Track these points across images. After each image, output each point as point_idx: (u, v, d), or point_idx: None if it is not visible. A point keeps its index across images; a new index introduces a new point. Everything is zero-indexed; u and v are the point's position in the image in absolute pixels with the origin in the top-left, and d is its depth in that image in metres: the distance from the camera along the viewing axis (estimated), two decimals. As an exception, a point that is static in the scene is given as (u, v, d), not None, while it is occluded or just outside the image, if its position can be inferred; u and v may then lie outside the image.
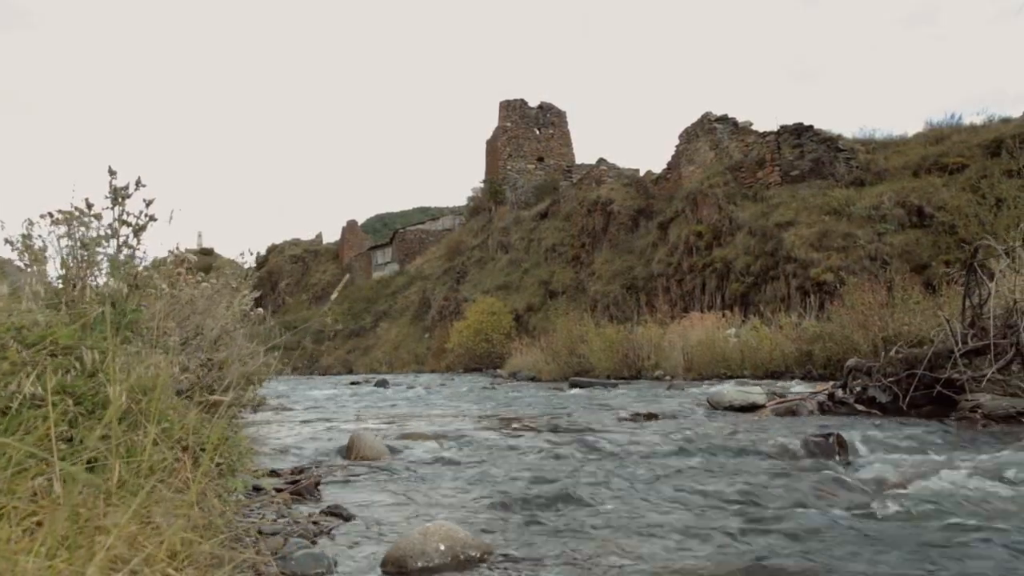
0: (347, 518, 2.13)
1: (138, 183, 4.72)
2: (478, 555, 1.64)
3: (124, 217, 4.65)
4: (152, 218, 4.81)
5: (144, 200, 4.72)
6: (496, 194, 32.72)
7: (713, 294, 17.92)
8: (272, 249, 49.44)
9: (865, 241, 14.80)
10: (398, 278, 37.35)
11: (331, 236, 51.31)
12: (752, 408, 5.05)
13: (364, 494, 2.58)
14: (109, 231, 4.60)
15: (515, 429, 4.59)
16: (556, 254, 25.37)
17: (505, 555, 1.68)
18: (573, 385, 11.72)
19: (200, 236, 48.82)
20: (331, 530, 1.98)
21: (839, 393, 4.90)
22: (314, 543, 1.81)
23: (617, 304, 20.59)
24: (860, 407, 4.64)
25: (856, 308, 10.33)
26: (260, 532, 1.85)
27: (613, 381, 12.06)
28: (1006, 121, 15.08)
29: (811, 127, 17.20)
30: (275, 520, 2.01)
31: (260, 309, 9.15)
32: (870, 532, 1.87)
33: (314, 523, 2.02)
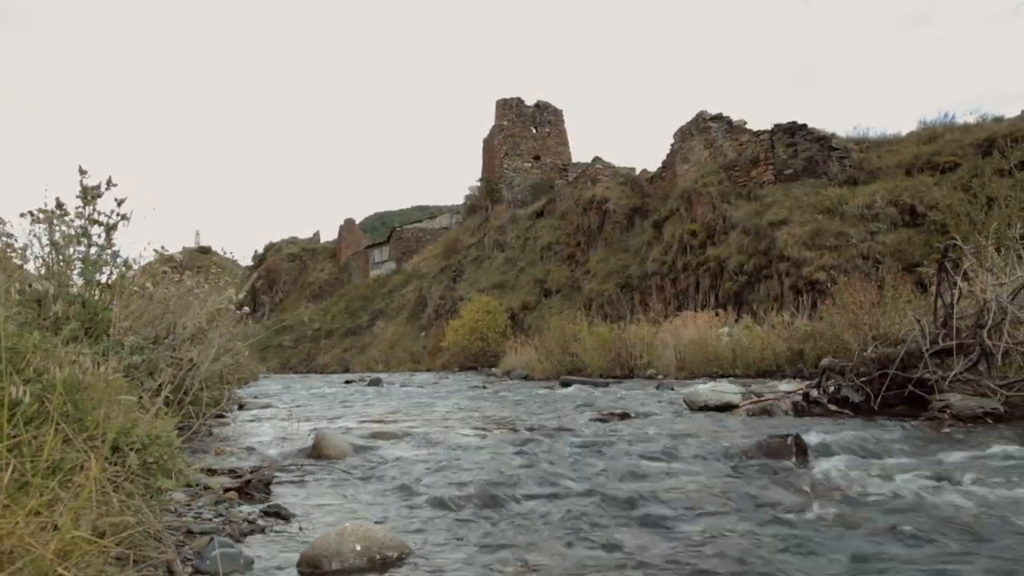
0: (285, 518, 2.13)
1: (109, 182, 4.71)
2: (395, 555, 1.64)
3: (95, 216, 4.64)
4: (124, 217, 4.80)
5: (116, 199, 4.70)
6: (493, 193, 32.71)
7: (707, 293, 17.92)
8: (270, 248, 49.49)
9: (858, 240, 14.80)
10: (395, 277, 37.35)
11: (329, 235, 51.34)
12: (727, 408, 5.05)
13: (314, 494, 2.58)
14: (80, 230, 4.60)
15: (486, 429, 4.59)
16: (552, 253, 25.37)
17: (423, 556, 1.68)
18: (564, 384, 11.72)
19: (198, 234, 48.96)
20: (264, 529, 1.98)
21: (813, 393, 4.89)
22: (241, 542, 1.81)
23: (612, 303, 20.58)
24: (833, 407, 4.63)
25: (847, 307, 10.32)
26: (190, 531, 1.85)
27: (604, 380, 12.05)
28: (999, 120, 15.06)
29: (804, 126, 17.19)
30: (211, 519, 2.01)
31: (245, 308, 9.13)
32: (800, 535, 1.87)
33: (249, 522, 2.02)
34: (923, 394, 4.36)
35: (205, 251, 41.97)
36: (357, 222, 51.12)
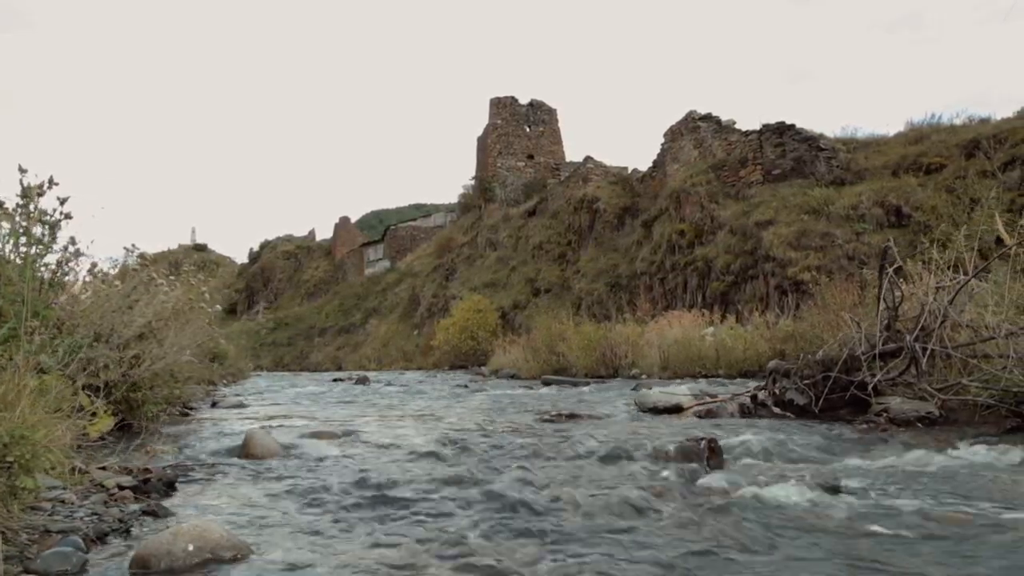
0: (162, 517, 2.13)
1: (50, 181, 4.71)
2: (230, 556, 1.64)
3: (34, 214, 4.63)
4: (67, 216, 4.80)
5: (58, 198, 4.71)
6: (486, 191, 32.73)
7: (694, 292, 17.91)
8: (265, 245, 49.54)
9: (843, 240, 14.77)
10: (388, 275, 37.38)
11: (325, 232, 51.40)
12: (676, 410, 5.04)
13: (213, 494, 2.58)
14: (20, 227, 4.60)
15: (435, 429, 4.59)
16: (543, 252, 25.37)
17: (262, 557, 1.68)
18: (545, 383, 11.72)
19: (194, 231, 49.08)
20: (129, 529, 1.98)
21: (761, 395, 4.88)
22: (96, 542, 1.81)
23: (600, 302, 20.58)
24: (777, 410, 4.62)
25: (828, 307, 10.31)
26: (47, 530, 1.85)
27: (586, 380, 12.04)
28: (984, 122, 15.04)
29: (793, 126, 17.16)
30: (81, 519, 2.01)
31: (218, 307, 9.07)
32: (656, 541, 1.87)
33: (121, 521, 2.02)
34: (865, 397, 4.35)
35: (201, 248, 42.02)
36: (354, 220, 51.19)
